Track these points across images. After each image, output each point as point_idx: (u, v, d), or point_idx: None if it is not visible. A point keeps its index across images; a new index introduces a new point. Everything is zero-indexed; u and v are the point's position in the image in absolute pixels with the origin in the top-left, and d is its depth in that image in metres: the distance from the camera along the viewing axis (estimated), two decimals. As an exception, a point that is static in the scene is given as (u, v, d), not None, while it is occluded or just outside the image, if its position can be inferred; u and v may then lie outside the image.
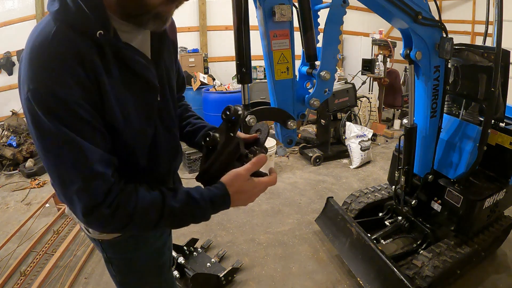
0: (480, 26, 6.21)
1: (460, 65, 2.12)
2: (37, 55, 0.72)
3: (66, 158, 0.74)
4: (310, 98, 1.55)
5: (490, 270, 2.39)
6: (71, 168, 0.74)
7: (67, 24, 0.74)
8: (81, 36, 0.74)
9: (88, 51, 0.75)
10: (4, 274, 2.37)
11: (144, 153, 0.94)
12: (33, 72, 0.71)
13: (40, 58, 0.72)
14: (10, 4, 4.88)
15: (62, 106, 0.71)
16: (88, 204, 0.75)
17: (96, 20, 0.74)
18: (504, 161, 2.18)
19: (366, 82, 5.73)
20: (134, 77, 0.84)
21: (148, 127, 0.92)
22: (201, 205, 0.87)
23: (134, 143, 0.89)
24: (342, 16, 1.51)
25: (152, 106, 0.93)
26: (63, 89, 0.71)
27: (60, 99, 0.71)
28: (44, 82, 0.71)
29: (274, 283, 2.37)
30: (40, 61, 0.72)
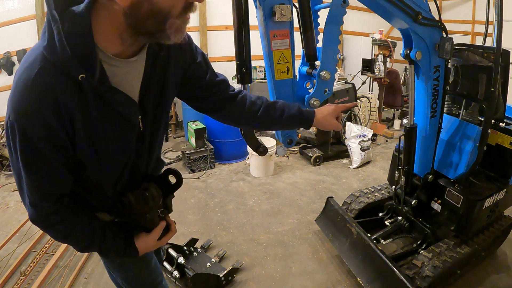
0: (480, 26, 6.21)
1: (460, 65, 2.12)
2: (18, 93, 0.78)
3: (25, 177, 0.87)
4: (310, 98, 1.55)
5: (490, 270, 2.39)
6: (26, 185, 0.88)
7: (51, 63, 0.77)
8: (63, 76, 0.78)
9: (67, 93, 0.79)
10: (4, 274, 2.37)
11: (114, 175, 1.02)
12: (13, 106, 0.78)
13: (20, 96, 0.78)
14: (10, 4, 4.88)
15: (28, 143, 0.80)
16: (32, 218, 0.96)
17: (80, 63, 0.77)
18: (504, 161, 2.18)
19: (366, 82, 5.73)
20: (114, 114, 0.89)
21: (121, 157, 0.99)
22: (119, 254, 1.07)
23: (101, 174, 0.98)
24: (342, 16, 1.51)
25: (130, 139, 0.98)
26: (33, 130, 0.79)
27: (28, 138, 0.80)
28: (19, 119, 0.78)
29: (274, 283, 2.37)
30: (19, 100, 0.78)
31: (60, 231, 0.99)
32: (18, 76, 0.79)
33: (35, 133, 0.79)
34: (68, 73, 0.77)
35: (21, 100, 0.77)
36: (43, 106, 0.77)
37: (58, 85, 0.77)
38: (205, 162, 4.19)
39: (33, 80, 0.76)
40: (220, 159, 4.45)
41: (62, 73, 0.77)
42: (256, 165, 4.05)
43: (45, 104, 0.77)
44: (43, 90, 0.77)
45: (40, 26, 4.93)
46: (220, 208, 3.35)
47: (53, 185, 0.90)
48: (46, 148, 0.83)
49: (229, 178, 4.03)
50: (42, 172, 0.87)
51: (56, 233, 1.00)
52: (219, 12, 5.89)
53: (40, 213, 0.94)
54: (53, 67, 0.77)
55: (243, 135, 1.48)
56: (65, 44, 0.75)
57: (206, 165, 4.20)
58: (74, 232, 0.98)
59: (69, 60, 0.76)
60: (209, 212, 3.27)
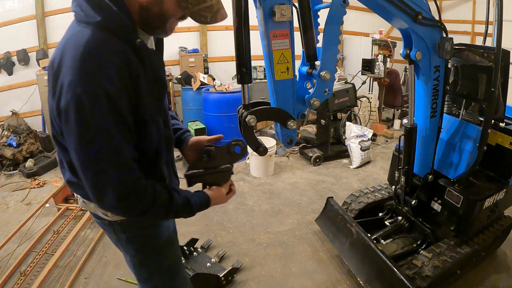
0: (480, 26, 6.21)
1: (460, 65, 2.12)
2: (91, 59, 0.84)
3: (106, 152, 0.88)
4: (310, 98, 1.55)
5: (490, 270, 2.39)
6: (108, 161, 0.89)
7: (111, 32, 0.88)
8: (125, 41, 0.90)
9: (132, 55, 0.91)
10: (4, 274, 2.37)
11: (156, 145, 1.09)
12: (88, 75, 0.83)
13: (94, 62, 0.84)
14: (10, 4, 4.88)
15: (113, 106, 0.86)
16: (121, 193, 0.92)
17: (134, 30, 0.92)
18: (504, 161, 2.18)
19: (366, 82, 5.73)
20: (155, 75, 1.02)
21: (160, 119, 1.09)
22: (193, 209, 1.14)
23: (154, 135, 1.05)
24: (342, 16, 1.51)
25: (162, 102, 1.12)
26: (116, 91, 0.86)
27: (112, 100, 0.85)
28: (100, 83, 0.83)
29: (274, 283, 2.37)
30: (95, 65, 0.84)
31: (149, 196, 0.98)
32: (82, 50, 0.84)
33: (118, 95, 0.86)
34: (128, 38, 0.90)
35: (98, 63, 0.84)
36: (121, 66, 0.87)
37: (126, 48, 0.90)
38: (205, 162, 4.19)
39: (104, 44, 0.86)
40: (220, 159, 4.44)
41: (123, 39, 0.90)
42: (256, 165, 4.05)
43: (122, 65, 0.88)
44: (117, 53, 0.87)
45: (40, 26, 4.94)
46: (220, 208, 3.35)
47: (132, 149, 0.94)
48: (126, 109, 0.90)
49: (229, 178, 4.03)
50: (125, 136, 0.91)
51: (146, 200, 0.98)
52: (219, 12, 5.89)
53: (130, 183, 0.93)
54: (114, 35, 0.88)
55: (243, 135, 1.48)
56: (121, 15, 0.89)
57: (206, 165, 4.19)
58: (158, 194, 1.00)
59: (127, 27, 0.90)
60: (209, 212, 3.27)
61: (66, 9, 5.08)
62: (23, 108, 5.10)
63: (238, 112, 1.50)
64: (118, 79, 0.86)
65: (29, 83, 5.05)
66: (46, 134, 4.93)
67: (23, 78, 5.05)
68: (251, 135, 1.49)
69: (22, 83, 5.07)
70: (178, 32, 5.80)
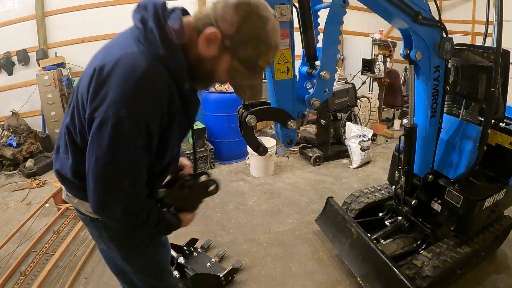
0: (480, 26, 6.21)
1: (460, 65, 2.12)
2: (143, 88, 0.89)
3: (128, 174, 0.95)
4: (310, 98, 1.55)
5: (490, 270, 2.39)
6: (128, 182, 0.96)
7: (167, 69, 0.93)
8: (175, 81, 0.95)
9: (175, 94, 0.96)
10: (4, 274, 2.37)
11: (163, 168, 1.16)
12: (136, 101, 0.88)
13: (145, 91, 0.89)
14: (10, 4, 4.88)
15: (147, 138, 0.93)
16: (129, 210, 0.99)
17: (187, 75, 0.97)
18: (504, 161, 2.18)
19: (366, 82, 5.73)
20: (188, 117, 1.10)
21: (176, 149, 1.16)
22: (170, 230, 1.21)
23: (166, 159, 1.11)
24: (342, 16, 1.51)
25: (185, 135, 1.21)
26: (153, 119, 0.92)
27: (149, 133, 0.93)
28: (144, 114, 0.90)
29: (274, 283, 2.37)
30: (145, 95, 0.89)
31: (155, 216, 1.07)
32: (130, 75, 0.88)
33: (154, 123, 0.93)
34: (179, 80, 0.96)
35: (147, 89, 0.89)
36: (163, 98, 0.93)
37: (173, 85, 0.95)
38: (205, 162, 4.19)
39: (153, 77, 0.90)
40: (220, 159, 4.45)
41: (175, 79, 0.95)
42: (256, 165, 4.05)
43: (164, 98, 0.93)
44: (163, 85, 0.92)
45: (40, 26, 4.93)
46: (220, 208, 3.35)
47: (145, 172, 1.00)
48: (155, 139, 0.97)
49: (229, 178, 4.03)
50: (143, 167, 0.98)
51: (152, 221, 1.06)
52: (219, 12, 5.89)
53: (139, 202, 1.01)
54: (168, 71, 0.93)
55: (243, 135, 1.48)
56: (182, 58, 0.94)
57: (206, 165, 4.20)
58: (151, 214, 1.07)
59: (183, 71, 0.95)
60: (209, 212, 3.27)
61: (66, 9, 5.08)
62: (23, 108, 5.10)
63: (238, 112, 1.50)
64: (160, 113, 0.93)
65: (29, 83, 5.04)
66: (46, 134, 4.93)
67: (23, 78, 5.05)
68: (251, 135, 1.49)
69: (22, 83, 5.07)
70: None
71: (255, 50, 0.96)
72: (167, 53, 0.92)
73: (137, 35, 0.95)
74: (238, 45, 0.95)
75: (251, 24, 0.93)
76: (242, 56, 0.97)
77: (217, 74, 1.01)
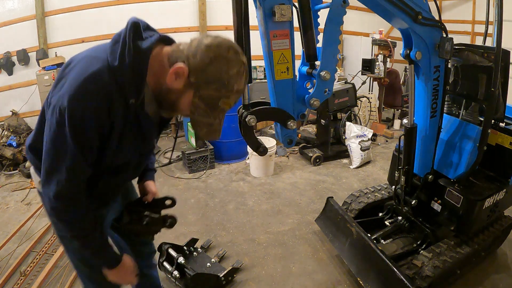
0: (480, 26, 6.20)
1: (460, 65, 2.12)
2: (84, 85, 0.95)
3: (64, 161, 1.02)
4: (310, 98, 1.55)
5: (490, 270, 2.39)
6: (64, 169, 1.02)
7: (114, 78, 0.98)
8: (120, 93, 1.00)
9: (119, 104, 1.00)
10: (4, 274, 2.37)
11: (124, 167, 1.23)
12: (76, 96, 0.95)
13: (86, 89, 0.95)
14: (10, 4, 4.87)
15: (83, 130, 0.98)
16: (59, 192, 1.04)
17: (134, 91, 1.01)
18: (504, 161, 2.18)
19: (366, 82, 5.73)
20: (139, 133, 1.13)
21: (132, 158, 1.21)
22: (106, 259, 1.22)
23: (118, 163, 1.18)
24: (342, 16, 1.51)
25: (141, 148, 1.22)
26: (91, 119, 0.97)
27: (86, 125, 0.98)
28: (82, 108, 0.96)
29: (274, 283, 2.37)
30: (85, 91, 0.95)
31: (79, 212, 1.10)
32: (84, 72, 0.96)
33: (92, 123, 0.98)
34: (124, 94, 1.00)
35: (88, 91, 0.96)
36: (103, 103, 0.98)
37: (115, 95, 0.99)
38: (205, 162, 4.19)
39: (98, 82, 0.96)
40: (220, 159, 4.45)
41: (120, 91, 0.99)
42: (256, 165, 4.05)
43: (104, 103, 0.98)
44: (105, 92, 0.97)
45: (40, 26, 4.93)
46: (220, 208, 3.35)
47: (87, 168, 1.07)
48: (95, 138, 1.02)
49: (229, 178, 4.03)
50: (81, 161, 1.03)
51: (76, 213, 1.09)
52: (219, 12, 5.89)
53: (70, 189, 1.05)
54: (116, 82, 0.98)
55: (243, 135, 1.48)
56: (130, 73, 0.99)
57: (206, 165, 4.20)
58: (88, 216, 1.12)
59: (128, 85, 1.00)
60: (209, 212, 3.27)
61: (66, 9, 5.08)
62: (23, 108, 5.10)
63: (238, 112, 1.50)
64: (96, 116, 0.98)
65: (29, 83, 5.04)
66: (46, 134, 4.92)
67: (23, 78, 5.05)
68: (251, 135, 1.49)
69: (22, 83, 5.07)
70: (178, 32, 5.80)
71: (216, 92, 1.03)
72: (119, 66, 0.98)
73: (109, 44, 1.04)
74: (202, 84, 1.01)
75: (217, 66, 0.99)
76: (204, 95, 1.03)
77: (180, 106, 1.07)
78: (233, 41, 1.07)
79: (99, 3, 5.20)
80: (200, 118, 1.08)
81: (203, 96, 1.03)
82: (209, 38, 1.01)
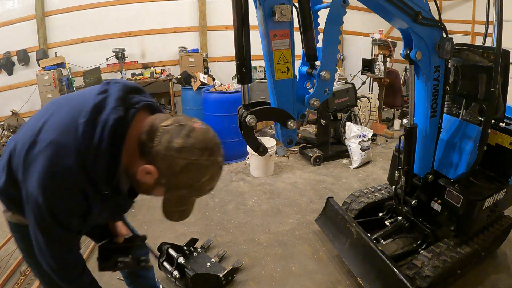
0: (480, 26, 6.20)
1: (460, 65, 2.12)
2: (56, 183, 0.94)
3: (58, 250, 1.07)
4: (310, 98, 1.55)
5: (490, 270, 2.39)
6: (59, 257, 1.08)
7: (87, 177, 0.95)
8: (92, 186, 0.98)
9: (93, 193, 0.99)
10: (4, 274, 2.37)
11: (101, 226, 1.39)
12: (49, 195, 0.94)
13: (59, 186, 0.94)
14: (10, 4, 4.88)
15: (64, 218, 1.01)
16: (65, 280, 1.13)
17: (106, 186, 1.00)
18: (504, 161, 2.18)
19: (366, 82, 5.73)
20: (116, 206, 1.18)
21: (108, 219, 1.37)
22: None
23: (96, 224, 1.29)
24: (342, 16, 1.51)
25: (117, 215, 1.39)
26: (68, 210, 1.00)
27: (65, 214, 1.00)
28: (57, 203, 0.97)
29: (274, 283, 2.37)
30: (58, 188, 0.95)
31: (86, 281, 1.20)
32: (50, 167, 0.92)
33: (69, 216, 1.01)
34: (96, 186, 0.98)
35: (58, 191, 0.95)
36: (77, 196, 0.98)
37: (88, 189, 0.98)
38: (205, 162, 4.18)
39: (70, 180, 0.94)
40: (220, 159, 4.44)
41: (91, 184, 0.97)
42: (256, 165, 4.05)
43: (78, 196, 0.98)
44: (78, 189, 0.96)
45: (40, 26, 4.94)
46: (220, 208, 3.35)
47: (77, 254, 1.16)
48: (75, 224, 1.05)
49: (229, 178, 4.03)
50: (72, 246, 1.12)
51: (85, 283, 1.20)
52: (219, 12, 5.89)
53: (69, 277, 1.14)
54: (88, 180, 0.95)
55: (243, 135, 1.48)
56: (104, 166, 0.95)
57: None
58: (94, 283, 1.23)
59: (100, 179, 0.97)
60: (209, 212, 3.27)
61: (66, 9, 5.09)
62: (23, 108, 5.10)
63: (238, 112, 1.50)
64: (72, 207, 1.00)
65: (29, 83, 5.05)
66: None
67: (23, 78, 5.06)
68: (251, 135, 1.49)
69: (22, 83, 5.07)
70: (178, 32, 5.80)
71: (187, 194, 1.01)
72: (94, 160, 0.94)
73: (84, 117, 0.94)
74: (172, 187, 0.98)
75: (188, 175, 0.95)
76: (175, 195, 1.00)
77: (153, 194, 1.04)
78: (210, 135, 1.00)
79: (99, 3, 5.20)
80: (172, 209, 1.05)
81: (174, 195, 1.01)
82: (180, 137, 0.92)
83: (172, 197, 1.01)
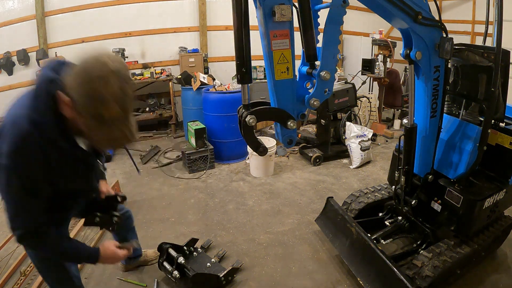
0: (480, 26, 6.21)
1: (460, 65, 2.12)
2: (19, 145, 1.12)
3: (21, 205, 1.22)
4: (310, 98, 1.55)
5: (490, 270, 2.39)
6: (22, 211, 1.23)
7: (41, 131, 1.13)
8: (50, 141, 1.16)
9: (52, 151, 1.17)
10: (4, 274, 2.37)
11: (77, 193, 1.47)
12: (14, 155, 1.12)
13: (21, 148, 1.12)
14: (10, 4, 4.88)
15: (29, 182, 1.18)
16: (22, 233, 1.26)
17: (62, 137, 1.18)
18: (504, 161, 2.18)
19: (366, 82, 5.73)
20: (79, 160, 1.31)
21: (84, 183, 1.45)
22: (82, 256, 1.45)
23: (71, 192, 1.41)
24: (342, 16, 1.51)
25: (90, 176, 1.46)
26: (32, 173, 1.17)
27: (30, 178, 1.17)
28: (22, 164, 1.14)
29: (274, 283, 2.37)
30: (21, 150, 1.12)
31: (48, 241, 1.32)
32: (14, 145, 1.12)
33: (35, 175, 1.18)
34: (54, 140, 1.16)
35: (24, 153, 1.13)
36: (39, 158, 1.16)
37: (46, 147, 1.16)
38: (205, 162, 4.19)
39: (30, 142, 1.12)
40: (220, 159, 4.45)
41: (49, 140, 1.15)
42: (256, 165, 4.05)
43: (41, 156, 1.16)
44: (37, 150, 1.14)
45: (40, 26, 4.94)
46: (220, 208, 3.35)
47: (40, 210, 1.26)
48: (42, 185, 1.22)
49: (229, 178, 4.03)
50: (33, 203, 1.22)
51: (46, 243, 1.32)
52: (219, 12, 5.89)
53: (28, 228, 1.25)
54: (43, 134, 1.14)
55: (243, 135, 1.48)
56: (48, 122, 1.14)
57: (206, 165, 4.20)
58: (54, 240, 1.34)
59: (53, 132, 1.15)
60: (209, 212, 3.27)
61: (66, 9, 5.08)
62: (23, 108, 5.10)
63: (238, 112, 1.50)
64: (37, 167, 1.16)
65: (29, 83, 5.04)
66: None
67: (23, 78, 5.05)
68: (251, 135, 1.49)
69: (22, 83, 5.06)
70: (178, 32, 5.80)
71: (95, 109, 1.08)
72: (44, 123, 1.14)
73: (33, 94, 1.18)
74: (81, 107, 1.09)
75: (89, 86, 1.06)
76: (88, 116, 1.10)
77: (83, 133, 1.17)
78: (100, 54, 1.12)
79: (99, 3, 5.20)
80: (97, 137, 1.16)
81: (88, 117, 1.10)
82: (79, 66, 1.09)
83: (89, 120, 1.10)
